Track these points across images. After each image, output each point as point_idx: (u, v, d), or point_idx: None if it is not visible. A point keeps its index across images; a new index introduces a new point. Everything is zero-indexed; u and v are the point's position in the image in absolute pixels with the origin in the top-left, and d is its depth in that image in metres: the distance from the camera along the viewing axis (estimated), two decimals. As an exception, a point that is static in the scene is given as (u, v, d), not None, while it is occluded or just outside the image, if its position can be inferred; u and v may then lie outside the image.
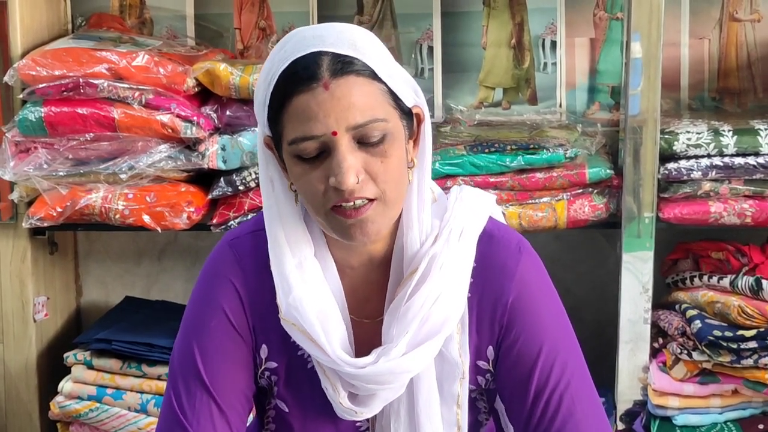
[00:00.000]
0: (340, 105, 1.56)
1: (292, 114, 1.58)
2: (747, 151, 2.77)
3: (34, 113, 2.84)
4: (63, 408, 2.98)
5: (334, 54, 1.57)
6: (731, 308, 2.72)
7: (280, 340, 1.75)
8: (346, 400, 1.72)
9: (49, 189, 2.88)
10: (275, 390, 1.80)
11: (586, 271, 3.24)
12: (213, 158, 2.85)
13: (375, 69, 1.59)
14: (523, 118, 3.13)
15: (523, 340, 1.73)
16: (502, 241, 1.75)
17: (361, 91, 1.57)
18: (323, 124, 1.56)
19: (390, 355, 1.67)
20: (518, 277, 1.73)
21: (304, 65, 1.57)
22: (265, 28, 3.22)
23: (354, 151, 1.58)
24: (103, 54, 2.85)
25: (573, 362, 1.74)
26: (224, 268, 1.76)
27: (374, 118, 1.58)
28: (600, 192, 2.87)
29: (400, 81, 1.63)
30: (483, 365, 1.77)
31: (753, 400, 2.81)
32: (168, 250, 3.38)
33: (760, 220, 2.79)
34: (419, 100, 1.67)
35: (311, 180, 1.60)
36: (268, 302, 1.73)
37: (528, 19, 3.16)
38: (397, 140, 1.61)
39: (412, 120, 1.67)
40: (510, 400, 1.76)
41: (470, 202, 1.75)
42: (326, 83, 1.56)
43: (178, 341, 1.78)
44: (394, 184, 1.62)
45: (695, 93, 3.15)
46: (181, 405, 1.73)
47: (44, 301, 3.11)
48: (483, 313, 1.74)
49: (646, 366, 2.86)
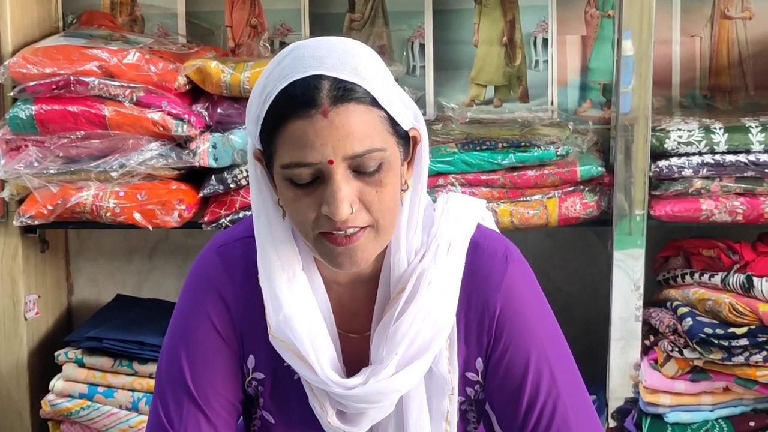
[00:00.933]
0: (339, 134, 1.51)
1: (286, 138, 1.53)
2: (738, 149, 2.77)
3: (25, 111, 2.83)
4: (54, 406, 2.97)
5: (334, 79, 1.52)
6: (722, 306, 2.72)
7: (266, 350, 1.73)
8: (334, 419, 1.70)
9: (40, 187, 2.87)
10: (261, 401, 1.79)
11: (577, 269, 3.24)
12: (204, 156, 2.85)
13: (375, 96, 1.55)
14: (515, 115, 3.13)
15: (512, 350, 1.71)
16: (487, 250, 1.72)
17: (361, 119, 1.53)
18: (320, 152, 1.51)
19: (379, 375, 1.65)
20: (504, 287, 1.71)
21: (303, 89, 1.52)
22: (257, 25, 3.21)
23: (349, 181, 1.54)
24: (94, 52, 2.85)
25: (564, 369, 1.73)
26: (212, 277, 1.74)
27: (372, 147, 1.54)
28: (591, 190, 2.87)
29: (399, 106, 1.59)
30: (472, 377, 1.76)
31: (744, 398, 2.82)
32: (159, 248, 3.38)
33: (751, 217, 2.79)
34: (417, 123, 1.64)
35: (302, 207, 1.57)
36: (256, 312, 1.71)
37: (519, 16, 3.16)
38: (393, 168, 1.58)
39: (409, 142, 1.63)
40: (502, 411, 1.75)
41: (457, 213, 1.73)
42: (325, 111, 1.51)
43: (165, 351, 1.76)
44: (388, 212, 1.59)
45: (686, 90, 3.15)
46: (168, 414, 1.72)
47: (35, 300, 3.11)
48: (470, 324, 1.72)
49: (637, 363, 2.86)
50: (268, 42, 3.15)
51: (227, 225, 2.85)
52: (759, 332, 2.70)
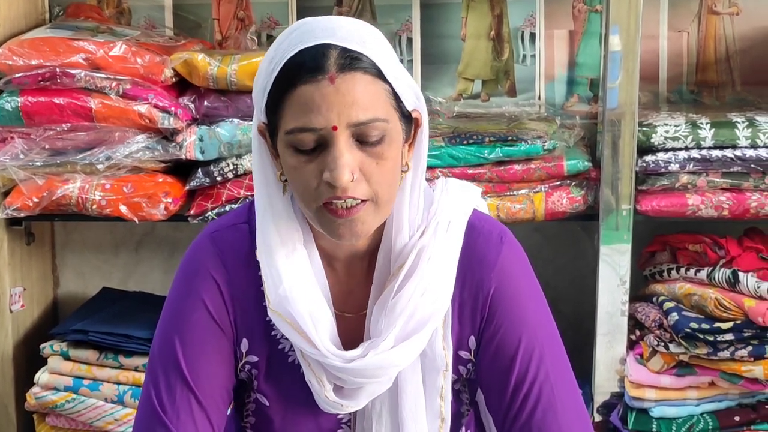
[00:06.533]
0: (344, 100, 1.54)
1: (293, 103, 1.56)
2: (725, 144, 2.78)
3: (11, 103, 2.82)
4: (39, 399, 2.97)
5: (343, 48, 1.56)
6: (708, 300, 2.73)
7: (261, 333, 1.75)
8: (332, 393, 1.71)
9: (26, 179, 2.86)
10: (255, 384, 1.79)
11: (564, 264, 3.24)
12: (191, 149, 2.85)
13: (382, 68, 1.58)
14: (502, 110, 3.13)
15: (503, 330, 1.73)
16: (483, 231, 1.75)
17: (366, 89, 1.56)
18: (324, 117, 1.54)
19: (378, 348, 1.66)
20: (499, 267, 1.73)
21: (312, 56, 1.55)
22: (244, 18, 3.21)
23: (351, 149, 1.56)
24: (80, 44, 2.84)
25: (553, 353, 1.74)
26: (205, 261, 1.74)
27: (376, 117, 1.56)
28: (578, 184, 2.87)
29: (404, 84, 1.62)
30: (465, 355, 1.77)
31: (729, 392, 2.83)
32: (145, 240, 3.37)
33: (737, 212, 2.80)
34: (419, 104, 1.66)
35: (305, 173, 1.58)
36: (249, 296, 1.73)
37: (507, 11, 3.16)
38: (395, 142, 1.60)
39: (411, 124, 1.66)
40: (489, 389, 1.76)
41: (456, 194, 1.76)
42: (332, 76, 1.54)
43: (159, 336, 1.76)
44: (387, 186, 1.61)
45: (674, 86, 3.16)
46: (160, 399, 1.72)
47: (21, 292, 3.10)
48: (464, 303, 1.74)
49: (623, 358, 2.87)
50: (256, 35, 3.14)
51: (213, 218, 2.84)
52: (744, 327, 2.70)
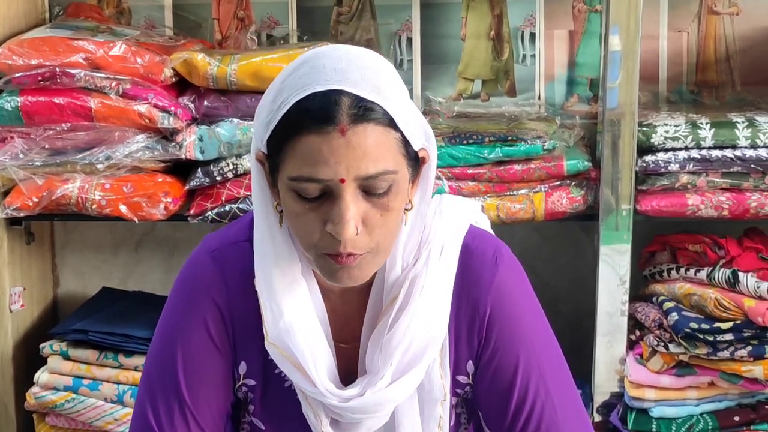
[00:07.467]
0: (354, 153, 1.47)
1: (299, 151, 1.49)
2: (724, 144, 2.77)
3: (11, 102, 2.82)
4: (39, 399, 2.96)
5: (356, 97, 1.48)
6: (708, 301, 2.73)
7: (258, 357, 1.72)
8: (329, 428, 1.68)
9: (26, 179, 2.86)
10: (251, 408, 1.77)
11: (563, 264, 3.24)
12: (190, 149, 2.84)
13: (394, 117, 1.50)
14: (502, 110, 3.13)
15: (501, 352, 1.70)
16: (476, 251, 1.70)
17: (377, 141, 1.49)
18: (333, 170, 1.47)
19: (375, 386, 1.63)
20: (494, 288, 1.69)
21: (322, 104, 1.47)
22: (244, 18, 3.20)
23: (357, 201, 1.50)
24: (80, 43, 2.84)
25: (554, 371, 1.72)
26: (207, 282, 1.70)
27: (386, 170, 1.50)
28: (578, 184, 2.87)
29: (414, 126, 1.55)
30: (462, 380, 1.75)
31: (729, 393, 2.83)
32: (145, 240, 3.37)
33: (737, 212, 2.80)
34: (428, 143, 1.60)
35: (306, 222, 1.53)
36: (250, 318, 1.69)
37: (507, 10, 3.15)
38: (401, 190, 1.55)
39: (417, 162, 1.59)
40: (490, 412, 1.73)
41: (450, 213, 1.71)
42: (343, 129, 1.47)
43: (157, 354, 1.73)
44: (390, 236, 1.57)
45: (673, 86, 3.16)
46: (159, 421, 1.69)
47: (20, 292, 3.09)
48: (461, 327, 1.70)
49: (623, 358, 2.87)
50: (256, 35, 3.14)
51: (213, 218, 2.84)
52: (744, 327, 2.70)
